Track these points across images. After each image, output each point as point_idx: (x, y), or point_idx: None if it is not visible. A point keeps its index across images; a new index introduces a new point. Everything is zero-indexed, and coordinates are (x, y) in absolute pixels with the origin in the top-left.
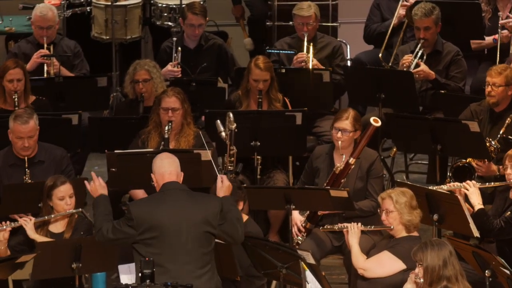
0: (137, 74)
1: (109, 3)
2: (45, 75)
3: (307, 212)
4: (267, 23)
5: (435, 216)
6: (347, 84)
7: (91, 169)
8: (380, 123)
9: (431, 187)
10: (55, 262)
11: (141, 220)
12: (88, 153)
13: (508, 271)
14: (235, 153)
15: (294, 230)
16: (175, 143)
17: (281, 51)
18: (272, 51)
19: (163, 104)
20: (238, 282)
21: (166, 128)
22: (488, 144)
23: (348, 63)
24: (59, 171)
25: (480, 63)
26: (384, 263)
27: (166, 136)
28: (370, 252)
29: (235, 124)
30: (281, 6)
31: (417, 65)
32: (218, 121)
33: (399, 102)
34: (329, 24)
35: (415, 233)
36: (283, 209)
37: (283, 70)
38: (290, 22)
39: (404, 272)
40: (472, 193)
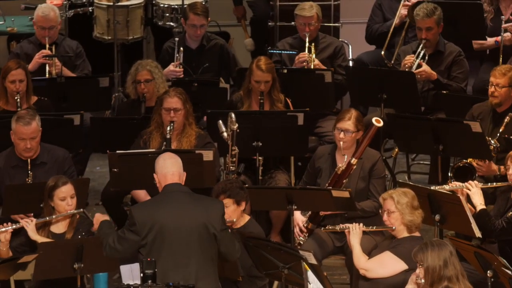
0: (139, 75)
1: (111, 4)
2: (47, 76)
3: (309, 213)
4: (269, 24)
5: (437, 217)
6: (349, 85)
7: (93, 170)
8: (382, 124)
9: (433, 188)
10: (57, 263)
11: (144, 224)
12: (90, 154)
13: (510, 272)
14: (237, 154)
15: (296, 231)
16: (177, 144)
17: (283, 52)
18: (274, 52)
19: (165, 105)
20: (240, 283)
21: (168, 129)
22: (488, 143)
23: (350, 64)
24: (62, 172)
25: (482, 64)
26: (386, 264)
27: (168, 137)
28: (372, 253)
29: (237, 125)
30: (283, 7)
31: (419, 66)
32: (220, 122)
33: (401, 103)
34: (331, 25)
35: (417, 234)
36: (285, 210)
37: (285, 71)
38: (292, 23)
39: (406, 273)
40: (474, 194)
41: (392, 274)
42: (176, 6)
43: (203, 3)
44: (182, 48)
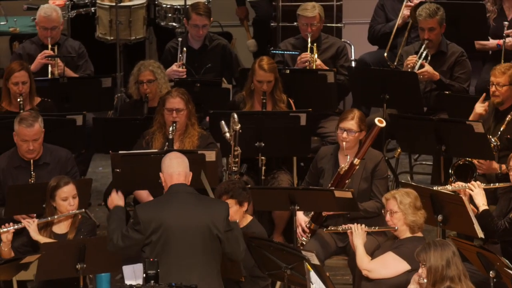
0: (142, 75)
1: (114, 4)
2: (50, 76)
3: (312, 213)
4: (272, 24)
5: (440, 217)
6: (352, 85)
7: (96, 170)
8: (385, 124)
9: (436, 188)
10: (59, 263)
11: (148, 223)
12: (93, 154)
13: None
14: (240, 154)
15: (299, 231)
16: (180, 144)
17: (286, 52)
18: (277, 52)
19: (168, 105)
20: (242, 283)
21: (171, 129)
22: (489, 142)
23: (353, 64)
24: (64, 173)
25: (485, 64)
26: (389, 264)
27: (171, 137)
28: (375, 253)
29: (240, 125)
30: (286, 7)
31: (422, 66)
32: (223, 122)
33: (404, 103)
34: (334, 25)
35: (419, 234)
36: (288, 210)
37: (288, 71)
38: (295, 23)
39: (409, 273)
40: (477, 194)
41: (395, 275)
42: (179, 7)
43: (206, 3)
44: (185, 48)
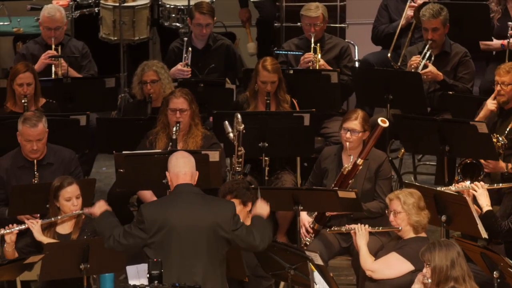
0: (145, 75)
1: (117, 4)
2: (53, 76)
3: (315, 213)
4: (275, 24)
5: (443, 217)
6: (355, 85)
7: (99, 170)
8: (388, 124)
9: (439, 188)
10: (63, 263)
11: (153, 222)
12: (96, 154)
13: None
14: (243, 154)
15: (302, 231)
16: (183, 144)
17: (289, 52)
18: (280, 52)
19: (171, 105)
20: (246, 283)
21: (174, 129)
22: (496, 140)
23: (356, 64)
24: (68, 173)
25: (488, 64)
26: (392, 264)
27: (174, 137)
28: (378, 254)
29: (243, 125)
30: (289, 7)
31: (425, 66)
32: (226, 122)
33: (407, 103)
34: (337, 25)
35: (423, 234)
36: (291, 210)
37: (291, 71)
38: (298, 23)
39: (413, 273)
40: (481, 195)
41: (399, 275)
42: (182, 7)
43: (209, 3)
44: (190, 48)
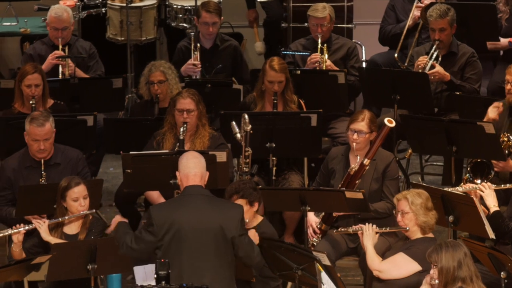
0: (152, 76)
1: (124, 5)
2: (60, 77)
3: (322, 214)
4: (283, 25)
5: (451, 218)
6: (362, 86)
7: (107, 171)
8: (394, 124)
9: (447, 189)
10: (71, 264)
11: (161, 225)
12: (103, 154)
13: None
14: (250, 155)
15: (310, 232)
16: (190, 145)
17: (296, 53)
18: (287, 53)
19: (178, 106)
20: (253, 283)
21: (181, 130)
22: (507, 139)
23: (363, 65)
24: (75, 173)
25: (496, 65)
26: (400, 265)
27: (181, 138)
28: (386, 254)
29: (250, 126)
30: (296, 8)
31: (432, 67)
32: (233, 123)
33: (414, 104)
34: (344, 26)
35: (430, 235)
36: (298, 211)
37: (298, 72)
38: (305, 24)
39: (420, 274)
40: (488, 195)
41: (406, 276)
42: (189, 7)
43: (216, 2)
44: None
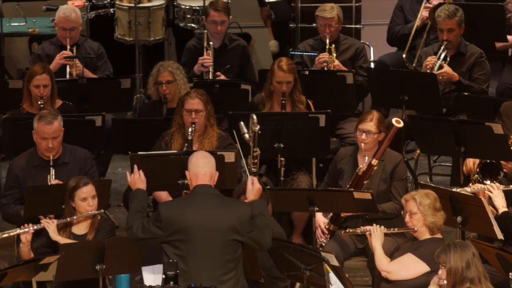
0: (161, 76)
1: (133, 5)
2: (68, 77)
3: (331, 214)
4: (291, 25)
5: (459, 218)
6: (371, 86)
7: (115, 171)
8: (402, 124)
9: (455, 189)
10: (79, 264)
11: (169, 222)
12: (112, 155)
13: None
14: (259, 155)
15: (318, 232)
16: (199, 145)
17: (304, 53)
18: (295, 53)
19: (186, 106)
20: (261, 284)
21: (190, 130)
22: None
23: (372, 65)
24: (83, 173)
25: (504, 65)
26: (408, 266)
27: (190, 138)
28: (394, 255)
29: (259, 126)
30: (305, 8)
31: (441, 67)
32: (242, 123)
33: (423, 104)
34: (352, 26)
35: (439, 235)
36: (307, 211)
37: (306, 72)
38: (314, 24)
39: (428, 275)
40: (496, 196)
41: (414, 276)
42: (198, 8)
43: (225, 1)
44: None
